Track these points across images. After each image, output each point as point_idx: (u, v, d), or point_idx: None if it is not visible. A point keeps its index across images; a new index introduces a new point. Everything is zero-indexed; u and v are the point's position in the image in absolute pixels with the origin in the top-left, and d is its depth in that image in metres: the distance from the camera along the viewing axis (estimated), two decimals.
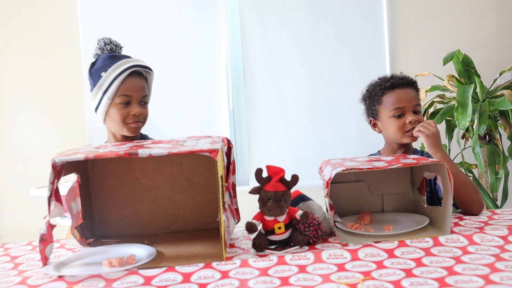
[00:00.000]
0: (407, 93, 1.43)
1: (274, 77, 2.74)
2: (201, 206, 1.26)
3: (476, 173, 2.39)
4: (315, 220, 1.06)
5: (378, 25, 2.70)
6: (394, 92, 1.44)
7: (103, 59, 1.44)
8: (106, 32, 2.78)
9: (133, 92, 1.43)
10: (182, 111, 2.77)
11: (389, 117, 1.43)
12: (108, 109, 1.43)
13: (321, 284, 0.81)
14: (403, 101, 1.42)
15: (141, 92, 1.45)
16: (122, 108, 1.42)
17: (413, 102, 1.42)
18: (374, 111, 1.48)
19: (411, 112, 1.41)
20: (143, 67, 1.45)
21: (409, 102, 1.42)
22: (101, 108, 1.43)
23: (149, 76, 1.51)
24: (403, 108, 1.41)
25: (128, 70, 1.41)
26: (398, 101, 1.42)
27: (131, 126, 1.44)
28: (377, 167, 1.06)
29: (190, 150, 0.97)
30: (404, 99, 1.42)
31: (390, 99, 1.43)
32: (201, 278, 0.88)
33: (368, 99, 1.50)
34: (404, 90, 1.44)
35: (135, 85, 1.43)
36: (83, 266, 1.00)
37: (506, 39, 2.66)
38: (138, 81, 1.45)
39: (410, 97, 1.42)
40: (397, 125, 1.41)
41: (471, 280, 0.78)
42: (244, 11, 2.73)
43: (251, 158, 2.78)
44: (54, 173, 0.99)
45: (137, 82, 1.44)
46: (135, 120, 1.44)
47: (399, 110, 1.41)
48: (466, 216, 1.25)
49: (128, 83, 1.42)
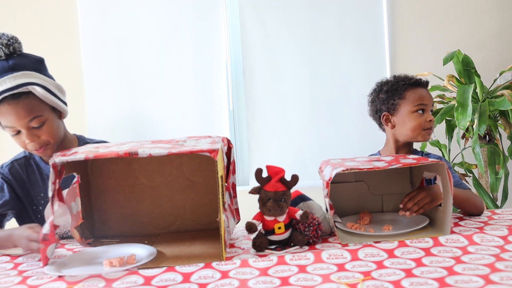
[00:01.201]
0: (428, 93, 1.49)
1: (274, 77, 2.74)
2: (201, 206, 1.26)
3: (476, 173, 2.39)
4: (315, 220, 1.07)
5: (378, 25, 2.70)
6: (418, 89, 1.47)
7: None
8: (106, 32, 2.80)
9: (13, 123, 1.17)
10: (182, 111, 2.77)
11: (411, 112, 1.44)
12: None
13: (321, 284, 0.81)
14: (426, 99, 1.46)
15: (23, 118, 1.17)
16: (16, 137, 1.22)
17: (432, 102, 1.48)
18: (393, 105, 1.48)
19: (429, 112, 1.46)
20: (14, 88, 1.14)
21: (430, 101, 1.47)
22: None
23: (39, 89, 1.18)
24: (425, 106, 1.45)
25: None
26: (422, 98, 1.45)
27: (39, 153, 1.26)
28: (377, 167, 1.06)
29: (190, 150, 0.97)
30: (427, 97, 1.46)
31: (414, 95, 1.46)
32: (201, 278, 0.88)
33: (386, 93, 1.50)
34: (425, 90, 1.49)
35: (10, 114, 1.15)
36: (83, 266, 1.00)
37: (506, 39, 2.66)
38: (16, 106, 1.15)
39: (430, 97, 1.48)
40: (419, 121, 1.43)
41: (471, 280, 0.78)
42: (244, 11, 2.73)
43: (251, 158, 2.78)
44: (55, 173, 0.99)
45: (13, 109, 1.15)
46: (36, 147, 1.23)
47: (422, 106, 1.44)
48: (466, 216, 1.25)
49: (3, 114, 1.16)
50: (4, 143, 2.88)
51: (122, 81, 2.77)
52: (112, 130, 2.75)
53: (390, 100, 1.48)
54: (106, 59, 2.77)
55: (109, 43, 2.77)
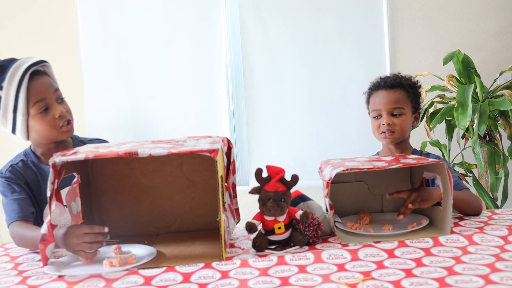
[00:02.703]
0: (387, 95, 1.44)
1: (274, 77, 2.74)
2: (201, 206, 1.26)
3: (476, 173, 2.39)
4: (315, 220, 1.07)
5: (378, 25, 2.70)
6: (377, 93, 1.47)
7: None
8: (106, 32, 2.80)
9: (45, 94, 1.23)
10: (182, 111, 2.77)
11: (372, 117, 1.48)
12: (28, 125, 1.24)
13: (321, 284, 0.81)
14: (380, 104, 1.44)
15: (52, 89, 1.26)
16: (43, 116, 1.23)
17: (390, 105, 1.42)
18: (368, 109, 1.53)
19: (388, 115, 1.42)
20: (37, 63, 1.24)
21: (386, 105, 1.43)
22: (20, 128, 1.23)
23: (48, 69, 1.30)
24: (379, 111, 1.44)
25: (26, 74, 1.20)
26: (375, 104, 1.46)
27: (63, 130, 1.26)
28: (377, 167, 1.06)
29: (190, 150, 0.97)
30: (381, 102, 1.44)
31: (372, 100, 1.49)
32: (201, 278, 0.88)
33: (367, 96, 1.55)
34: (386, 92, 1.45)
35: (42, 85, 1.24)
36: (83, 266, 1.00)
37: (506, 39, 2.66)
38: (42, 80, 1.25)
39: (388, 99, 1.43)
40: (374, 125, 1.46)
41: (471, 280, 0.78)
42: (244, 11, 2.73)
43: (251, 158, 2.78)
44: (54, 173, 0.99)
45: (42, 82, 1.24)
46: (64, 121, 1.26)
47: (375, 112, 1.45)
48: (466, 216, 1.25)
49: (34, 87, 1.22)
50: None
51: (122, 81, 2.77)
52: (112, 130, 2.74)
53: (367, 103, 1.53)
54: (106, 59, 2.77)
55: (109, 43, 2.77)
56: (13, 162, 1.32)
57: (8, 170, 1.29)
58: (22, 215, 1.22)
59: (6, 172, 1.29)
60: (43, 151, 1.32)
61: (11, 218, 1.22)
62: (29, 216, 1.24)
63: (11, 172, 1.29)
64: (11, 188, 1.26)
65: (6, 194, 1.27)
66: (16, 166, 1.30)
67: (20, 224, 1.21)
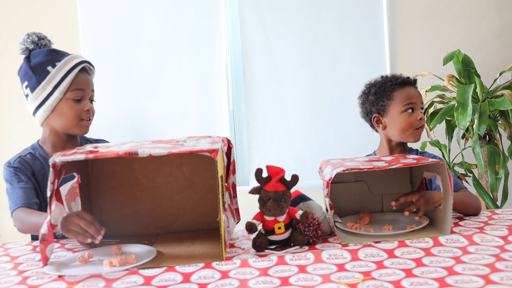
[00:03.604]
0: (416, 91, 1.49)
1: (274, 77, 2.74)
2: (201, 206, 1.26)
3: (476, 173, 2.39)
4: (315, 220, 1.07)
5: (378, 25, 2.70)
6: (405, 89, 1.47)
7: (45, 54, 1.35)
8: (106, 32, 2.80)
9: (86, 87, 1.38)
10: (182, 111, 2.77)
11: (401, 112, 1.45)
12: (57, 105, 1.35)
13: (321, 284, 0.81)
14: (414, 97, 1.46)
15: (91, 87, 1.41)
16: (74, 104, 1.36)
17: (421, 100, 1.48)
18: (382, 107, 1.49)
19: (419, 110, 1.46)
20: (89, 63, 1.41)
21: (419, 99, 1.47)
22: (48, 104, 1.34)
23: (92, 72, 1.46)
24: (414, 104, 1.45)
25: (80, 65, 1.36)
26: (410, 97, 1.46)
27: (83, 124, 1.38)
28: (377, 167, 1.06)
29: (190, 150, 0.97)
30: (415, 96, 1.47)
31: (402, 95, 1.46)
32: (201, 278, 0.88)
33: (375, 95, 1.50)
34: (413, 88, 1.49)
35: (86, 80, 1.39)
36: (83, 266, 1.00)
37: (506, 39, 2.66)
38: (88, 77, 1.41)
39: (419, 95, 1.48)
40: (409, 120, 1.44)
41: (471, 280, 0.78)
42: (244, 11, 2.73)
43: (251, 158, 2.78)
44: (54, 173, 0.99)
45: (88, 78, 1.40)
46: (88, 117, 1.39)
47: (411, 105, 1.45)
48: (466, 216, 1.25)
49: (80, 78, 1.37)
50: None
51: (122, 81, 2.77)
52: (112, 130, 2.74)
53: (379, 101, 1.49)
54: (106, 59, 2.77)
55: (109, 43, 2.77)
56: (21, 154, 1.40)
57: (17, 161, 1.37)
58: (27, 202, 1.28)
59: (15, 162, 1.37)
60: (53, 142, 1.41)
61: (16, 204, 1.28)
62: (33, 205, 1.29)
63: (19, 163, 1.36)
64: (18, 178, 1.33)
65: (13, 183, 1.33)
66: (25, 157, 1.38)
67: (24, 209, 1.26)
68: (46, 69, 1.33)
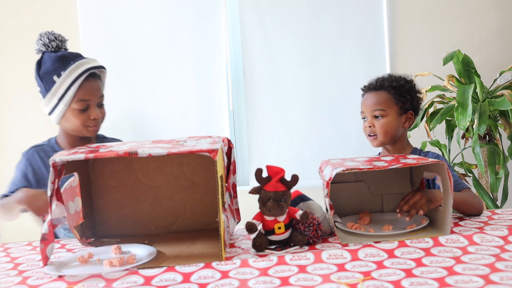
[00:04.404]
0: (369, 98, 1.48)
1: (274, 77, 2.74)
2: (201, 206, 1.26)
3: (476, 173, 2.39)
4: (315, 220, 1.07)
5: (378, 25, 2.70)
6: (364, 96, 1.52)
7: (53, 61, 1.35)
8: (106, 32, 2.80)
9: (91, 96, 1.38)
10: (182, 111, 2.77)
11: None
12: (65, 114, 1.38)
13: (321, 284, 0.81)
14: (364, 106, 1.49)
15: (98, 94, 1.41)
16: (80, 113, 1.38)
17: (372, 107, 1.46)
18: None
19: (371, 117, 1.46)
20: (97, 67, 1.41)
21: (368, 107, 1.47)
22: (57, 113, 1.38)
23: (103, 75, 1.47)
24: (363, 113, 1.49)
25: (84, 74, 1.35)
26: (361, 106, 1.51)
27: (90, 129, 1.42)
28: (377, 167, 1.06)
29: (190, 150, 0.97)
30: (364, 104, 1.49)
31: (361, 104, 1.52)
32: (201, 278, 0.88)
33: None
34: (369, 95, 1.49)
35: (92, 88, 1.39)
36: (83, 266, 1.00)
37: (506, 39, 2.66)
38: (94, 83, 1.40)
39: (370, 102, 1.47)
40: (363, 127, 1.49)
41: (471, 280, 0.78)
42: (244, 11, 2.73)
43: (251, 158, 2.78)
44: (55, 172, 0.99)
45: (94, 85, 1.40)
46: (94, 124, 1.41)
47: (362, 114, 1.50)
48: (468, 216, 1.25)
49: (85, 88, 1.36)
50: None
51: (122, 81, 2.76)
52: (112, 130, 2.73)
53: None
54: (106, 59, 2.76)
55: (109, 43, 2.77)
56: (37, 144, 1.47)
57: (34, 150, 1.45)
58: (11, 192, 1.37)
59: (30, 150, 1.45)
60: (68, 140, 1.46)
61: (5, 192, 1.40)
62: None
63: (36, 152, 1.45)
64: (24, 174, 1.42)
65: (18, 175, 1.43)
66: (40, 149, 1.46)
67: None
68: (52, 78, 1.34)
